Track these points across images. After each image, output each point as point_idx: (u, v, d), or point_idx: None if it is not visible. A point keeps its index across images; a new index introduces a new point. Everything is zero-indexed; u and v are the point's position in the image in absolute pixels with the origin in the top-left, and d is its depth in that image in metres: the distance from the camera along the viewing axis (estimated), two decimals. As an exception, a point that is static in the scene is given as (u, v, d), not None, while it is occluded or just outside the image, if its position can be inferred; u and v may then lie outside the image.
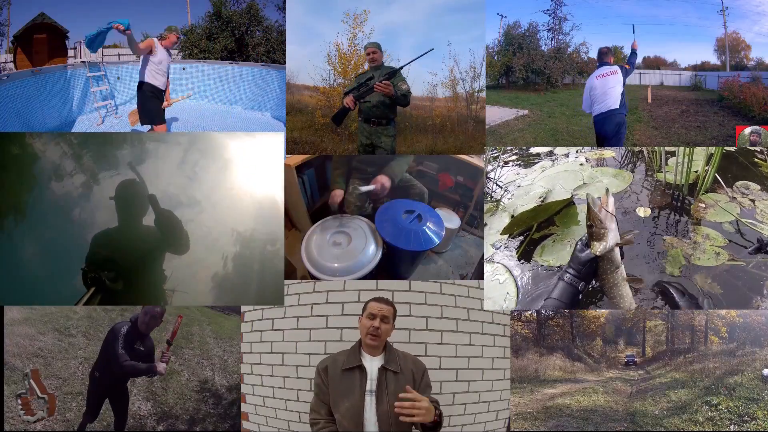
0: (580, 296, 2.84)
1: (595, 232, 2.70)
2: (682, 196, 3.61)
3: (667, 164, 3.78)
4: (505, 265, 3.35)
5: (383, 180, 3.40)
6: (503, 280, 3.28)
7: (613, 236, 2.69)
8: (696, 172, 3.66)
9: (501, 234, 3.51)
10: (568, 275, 2.83)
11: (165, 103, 4.17)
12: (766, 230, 3.30)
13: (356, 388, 2.26)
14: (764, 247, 3.12)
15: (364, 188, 3.37)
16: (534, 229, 3.52)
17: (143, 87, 4.06)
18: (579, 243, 2.81)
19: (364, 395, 2.26)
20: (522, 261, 3.35)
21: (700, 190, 3.57)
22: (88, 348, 3.58)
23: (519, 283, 3.25)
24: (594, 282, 2.87)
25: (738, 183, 3.64)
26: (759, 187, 3.61)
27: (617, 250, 2.73)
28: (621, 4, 4.07)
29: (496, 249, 3.47)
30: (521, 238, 3.49)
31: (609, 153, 4.11)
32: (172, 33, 4.07)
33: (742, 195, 3.56)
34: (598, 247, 2.70)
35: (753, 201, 3.52)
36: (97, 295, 2.93)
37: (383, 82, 3.61)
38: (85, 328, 3.71)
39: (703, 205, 3.51)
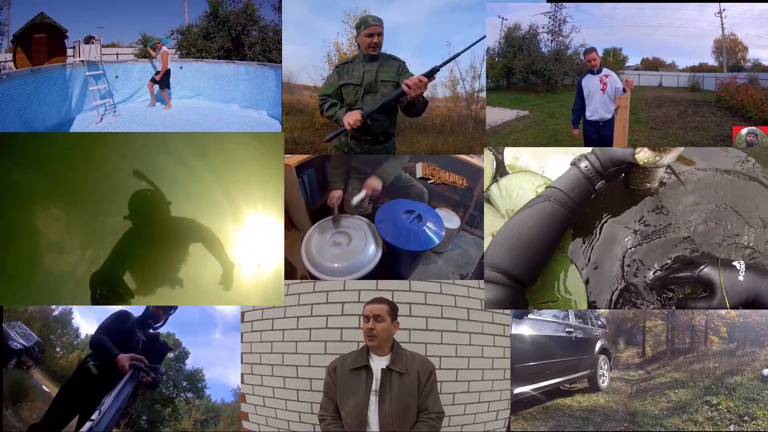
0: (592, 196, 2.33)
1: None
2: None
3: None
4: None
5: (374, 183, 3.31)
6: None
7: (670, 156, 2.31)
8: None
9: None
10: (586, 162, 2.30)
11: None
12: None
13: (362, 387, 2.32)
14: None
15: (357, 198, 3.26)
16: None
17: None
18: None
19: (369, 394, 2.32)
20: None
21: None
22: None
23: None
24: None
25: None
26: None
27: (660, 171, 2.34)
28: (620, 6, 4.08)
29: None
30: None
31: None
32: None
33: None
34: (644, 154, 2.29)
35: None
36: None
37: (419, 78, 2.89)
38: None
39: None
